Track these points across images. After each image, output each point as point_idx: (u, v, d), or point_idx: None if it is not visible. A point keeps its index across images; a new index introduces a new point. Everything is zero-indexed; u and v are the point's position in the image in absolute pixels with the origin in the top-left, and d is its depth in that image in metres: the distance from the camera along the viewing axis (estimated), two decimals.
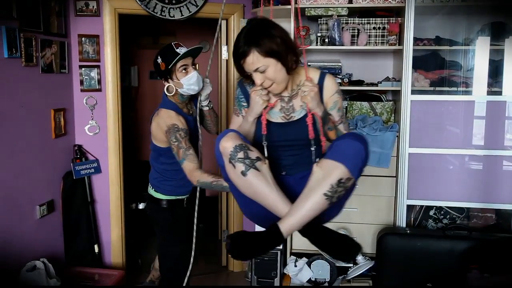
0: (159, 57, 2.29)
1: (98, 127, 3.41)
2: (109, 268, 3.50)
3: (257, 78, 1.62)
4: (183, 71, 2.27)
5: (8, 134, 2.67)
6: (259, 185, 1.54)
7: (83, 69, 3.32)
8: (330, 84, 1.74)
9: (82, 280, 3.14)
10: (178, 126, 2.27)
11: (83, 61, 3.32)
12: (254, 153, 1.55)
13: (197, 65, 2.39)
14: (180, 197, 2.54)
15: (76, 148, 3.33)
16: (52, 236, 3.14)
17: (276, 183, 1.57)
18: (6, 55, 2.60)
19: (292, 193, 1.59)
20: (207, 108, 2.43)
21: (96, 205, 3.48)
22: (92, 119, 3.39)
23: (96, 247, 3.42)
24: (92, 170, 3.38)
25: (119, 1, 3.32)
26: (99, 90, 3.38)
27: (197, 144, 2.32)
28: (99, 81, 3.37)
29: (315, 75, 1.75)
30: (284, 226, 1.50)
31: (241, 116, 1.81)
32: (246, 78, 1.71)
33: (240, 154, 1.53)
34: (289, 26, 3.19)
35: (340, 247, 1.58)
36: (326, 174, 1.49)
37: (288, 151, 1.74)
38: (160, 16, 3.38)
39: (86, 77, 3.34)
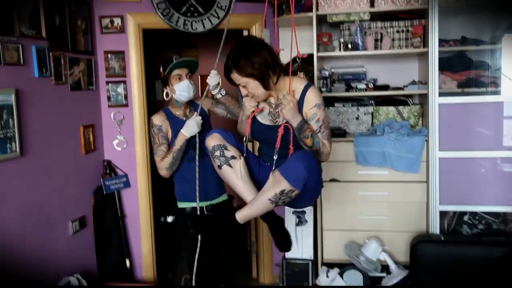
0: (162, 67, 2.59)
1: (126, 141, 3.46)
2: (141, 282, 3.52)
3: (242, 90, 2.00)
4: (178, 79, 2.52)
5: (40, 152, 2.72)
6: (230, 178, 2.01)
7: (109, 85, 3.38)
8: (312, 97, 1.98)
9: None
10: (153, 122, 2.57)
11: (109, 77, 3.39)
12: (230, 152, 2.00)
13: (195, 78, 2.58)
14: (196, 204, 2.49)
15: (105, 163, 3.38)
16: (85, 252, 3.18)
17: (247, 176, 2.00)
18: (37, 74, 2.67)
19: None
20: (219, 95, 2.55)
21: (126, 219, 3.51)
22: (120, 134, 3.44)
23: (127, 261, 3.44)
24: (122, 185, 3.43)
25: (143, 17, 3.38)
26: (126, 105, 3.43)
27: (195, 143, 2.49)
28: (126, 96, 3.42)
29: (299, 86, 2.00)
30: (240, 215, 1.94)
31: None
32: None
33: (217, 153, 2.01)
34: (311, 33, 3.18)
35: (282, 239, 2.07)
36: (274, 183, 1.85)
37: (273, 148, 2.03)
38: (183, 29, 3.42)
39: (113, 92, 3.40)
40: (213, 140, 2.02)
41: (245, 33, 3.69)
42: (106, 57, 3.36)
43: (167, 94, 2.60)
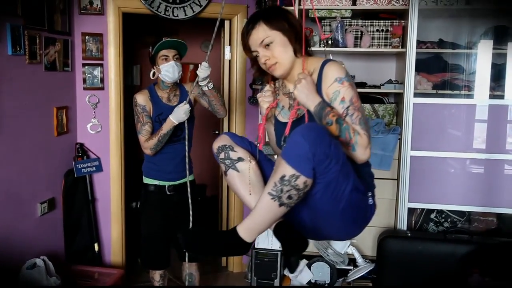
0: (151, 46, 2.66)
1: (100, 125, 3.41)
2: (109, 267, 3.50)
3: (261, 54, 1.57)
4: (164, 60, 2.61)
5: (11, 131, 2.67)
6: (235, 185, 1.59)
7: (86, 67, 3.33)
8: (330, 71, 1.54)
9: (82, 278, 3.14)
10: (137, 101, 2.66)
11: (86, 59, 3.32)
12: (236, 154, 1.59)
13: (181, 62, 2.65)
14: (159, 183, 2.76)
15: (78, 146, 3.33)
16: (53, 234, 3.14)
17: (259, 183, 1.57)
18: (10, 52, 2.60)
19: None
20: (206, 88, 2.53)
21: (97, 203, 3.48)
22: (94, 117, 3.39)
23: (96, 245, 3.41)
24: (94, 169, 3.39)
25: (123, 0, 3.33)
26: (102, 88, 3.38)
27: (183, 133, 2.57)
28: (102, 80, 3.37)
29: (317, 64, 1.60)
30: (241, 227, 1.44)
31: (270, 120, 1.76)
32: (253, 64, 1.67)
33: (221, 155, 1.60)
34: None
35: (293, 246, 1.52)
36: (274, 170, 1.38)
37: None
38: (164, 15, 3.38)
39: (89, 75, 3.34)
40: (219, 141, 1.63)
41: (227, 23, 3.67)
42: (83, 39, 3.29)
43: (153, 74, 2.67)
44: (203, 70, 2.36)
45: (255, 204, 1.44)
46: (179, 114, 2.52)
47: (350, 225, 1.55)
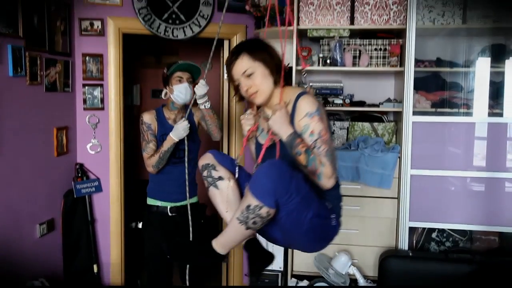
0: (166, 67, 2.72)
1: (100, 145, 3.41)
2: None
3: (244, 83, 1.74)
4: (178, 81, 2.66)
5: (11, 151, 2.67)
6: (215, 201, 1.83)
7: (86, 87, 3.34)
8: (302, 105, 1.69)
9: None
10: (143, 119, 2.73)
11: (86, 79, 3.34)
12: (217, 173, 1.81)
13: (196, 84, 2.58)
14: (162, 204, 2.79)
15: (77, 166, 3.33)
16: (52, 256, 3.11)
17: (236, 201, 1.77)
18: (11, 73, 2.62)
19: None
20: (203, 106, 2.56)
21: (96, 224, 3.46)
22: (94, 137, 3.39)
23: (95, 267, 3.38)
24: (93, 189, 3.38)
25: (124, 21, 3.36)
26: (102, 108, 3.40)
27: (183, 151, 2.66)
28: (102, 100, 3.39)
29: (293, 96, 1.74)
30: (216, 242, 1.68)
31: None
32: (236, 92, 1.85)
33: (205, 173, 1.84)
34: (291, 47, 3.22)
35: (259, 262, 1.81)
36: (243, 199, 1.60)
37: None
38: (164, 36, 3.41)
39: (89, 95, 3.36)
40: (203, 160, 1.86)
41: (226, 42, 3.70)
42: (84, 60, 3.31)
43: (165, 94, 2.72)
44: (200, 88, 2.43)
45: (228, 224, 1.66)
46: (178, 131, 2.57)
47: (314, 243, 1.77)
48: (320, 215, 1.63)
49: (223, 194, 1.79)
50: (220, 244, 1.67)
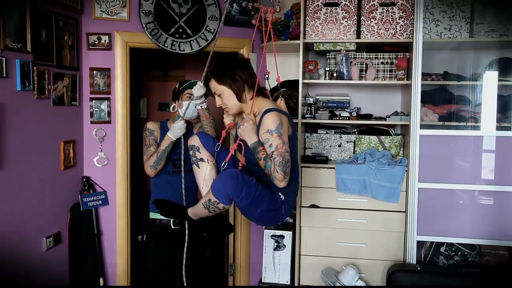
0: (179, 83, 2.87)
1: (107, 159, 3.42)
2: None
3: (216, 100, 2.19)
4: (188, 97, 2.75)
5: (18, 165, 2.68)
6: (196, 176, 2.30)
7: (93, 101, 3.36)
8: (265, 122, 2.05)
9: None
10: (147, 126, 2.87)
11: (93, 93, 3.36)
12: (200, 155, 2.25)
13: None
14: (165, 217, 2.77)
15: (84, 179, 3.33)
16: (58, 269, 3.10)
17: (211, 181, 2.17)
18: (19, 88, 2.63)
19: None
20: (200, 107, 2.68)
21: (102, 237, 3.45)
22: (101, 150, 3.40)
23: (101, 280, 3.37)
24: (100, 202, 3.38)
25: (131, 35, 3.39)
26: (109, 122, 3.41)
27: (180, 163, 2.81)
28: (109, 113, 3.40)
29: (262, 110, 2.11)
30: (189, 211, 2.28)
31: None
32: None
33: (191, 152, 2.28)
34: (298, 60, 3.23)
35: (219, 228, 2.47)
36: (208, 191, 2.07)
37: (249, 163, 2.26)
38: (171, 50, 3.43)
39: (96, 109, 3.37)
40: (191, 141, 2.29)
41: None
42: (91, 74, 3.34)
43: (173, 108, 2.86)
44: (198, 90, 2.53)
45: (200, 200, 2.14)
46: (175, 129, 2.70)
47: (265, 224, 2.64)
48: (269, 209, 2.09)
49: (202, 173, 2.24)
50: (192, 213, 2.27)
